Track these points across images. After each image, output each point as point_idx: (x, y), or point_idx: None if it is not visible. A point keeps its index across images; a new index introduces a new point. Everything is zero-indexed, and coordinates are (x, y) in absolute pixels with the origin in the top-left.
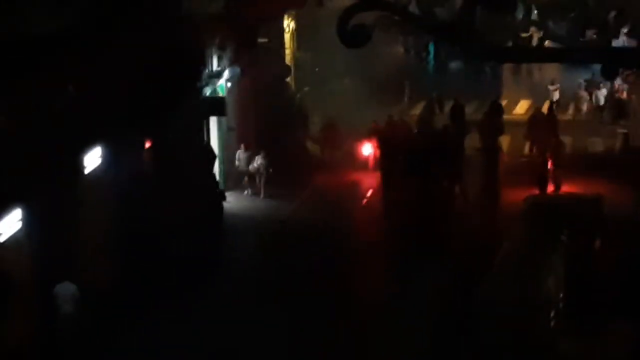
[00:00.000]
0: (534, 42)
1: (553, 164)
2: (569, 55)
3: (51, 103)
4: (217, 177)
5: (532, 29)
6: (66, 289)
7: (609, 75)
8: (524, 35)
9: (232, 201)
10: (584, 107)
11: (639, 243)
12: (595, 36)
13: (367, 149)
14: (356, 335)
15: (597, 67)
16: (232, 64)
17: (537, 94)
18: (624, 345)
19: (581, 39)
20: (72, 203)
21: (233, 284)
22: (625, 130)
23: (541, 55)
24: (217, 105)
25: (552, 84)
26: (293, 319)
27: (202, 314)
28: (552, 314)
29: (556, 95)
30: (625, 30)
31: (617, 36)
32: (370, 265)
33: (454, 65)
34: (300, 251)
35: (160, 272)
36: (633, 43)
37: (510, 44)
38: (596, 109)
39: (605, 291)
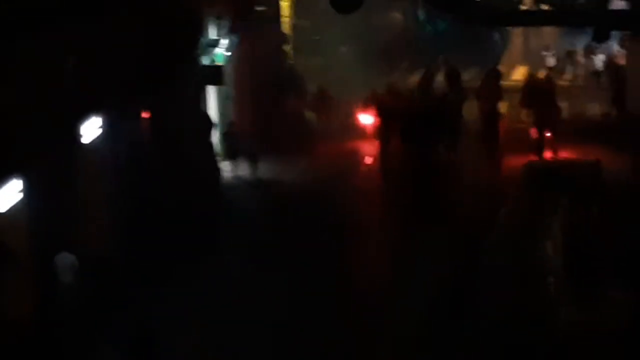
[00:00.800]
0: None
1: (550, 129)
2: (563, 18)
3: (51, 73)
4: (216, 146)
5: None
6: (65, 260)
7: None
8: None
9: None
10: (582, 72)
11: (637, 208)
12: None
13: (366, 117)
14: (355, 300)
15: None
16: (229, 32)
17: (535, 60)
18: (623, 312)
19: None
20: (71, 173)
21: (234, 250)
22: (623, 96)
23: (535, 19)
24: (214, 75)
25: (547, 50)
26: (293, 285)
27: (203, 281)
28: (550, 280)
29: (552, 61)
30: None
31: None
32: (369, 231)
33: (452, 31)
34: (300, 217)
35: (160, 241)
36: (624, 6)
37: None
38: (593, 74)
39: (604, 257)
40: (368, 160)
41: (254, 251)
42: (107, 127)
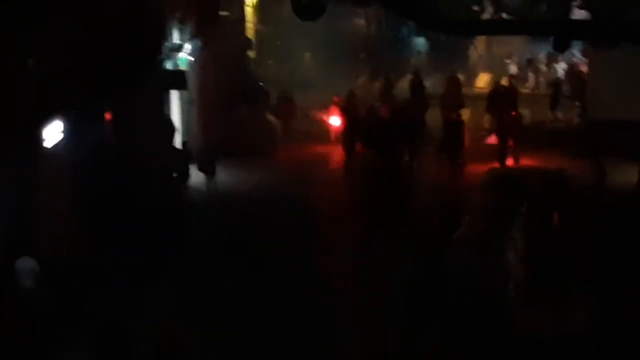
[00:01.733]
0: (487, 15)
1: (512, 137)
2: (522, 27)
3: (10, 76)
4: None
5: (485, 1)
6: (25, 264)
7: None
8: (475, 8)
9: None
10: (543, 80)
11: (598, 216)
12: (547, 8)
13: (329, 123)
14: (319, 304)
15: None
16: (193, 37)
17: (497, 68)
18: (584, 317)
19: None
20: (32, 177)
21: (196, 256)
22: (584, 104)
23: (495, 28)
24: (177, 79)
25: (509, 57)
26: (257, 290)
27: (168, 281)
28: (512, 286)
29: (513, 69)
30: (576, 2)
31: (570, 9)
32: (332, 237)
33: (415, 39)
34: (262, 222)
35: (123, 244)
36: (584, 15)
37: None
38: (553, 82)
39: (565, 263)
40: (331, 165)
41: (216, 256)
42: (69, 130)
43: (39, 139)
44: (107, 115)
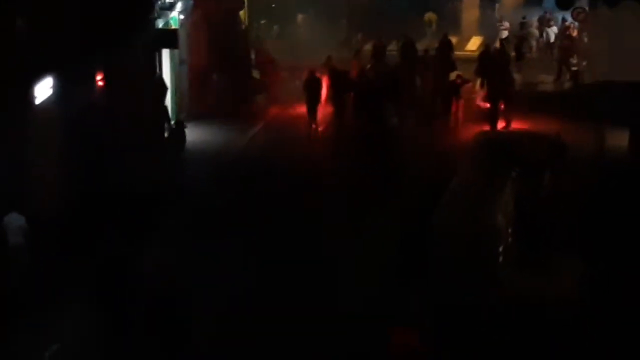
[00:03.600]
0: None
1: (504, 100)
2: None
3: (1, 33)
4: (169, 109)
5: None
6: (14, 220)
7: (564, 5)
8: None
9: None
10: (535, 44)
11: (588, 180)
12: None
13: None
14: (311, 264)
15: (549, 4)
16: None
17: (490, 31)
18: (572, 282)
19: None
20: (22, 134)
21: (187, 214)
22: (575, 68)
23: None
24: (169, 38)
25: (501, 21)
26: (248, 250)
27: (156, 245)
28: (501, 250)
29: (505, 33)
30: None
31: None
32: (322, 198)
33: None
34: (254, 183)
35: (112, 203)
36: None
37: None
38: (547, 46)
39: (554, 228)
40: (322, 127)
41: (205, 217)
42: (60, 88)
43: (29, 96)
44: (99, 74)
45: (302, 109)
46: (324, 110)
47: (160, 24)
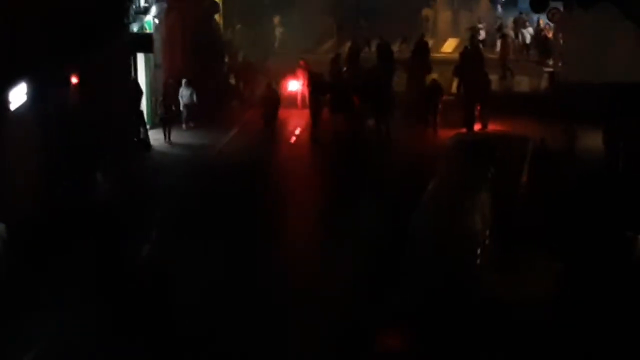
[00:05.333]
0: None
1: (480, 102)
2: None
3: None
4: (144, 114)
5: None
6: None
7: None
8: None
9: (160, 138)
10: (511, 45)
11: (564, 181)
12: None
13: (294, 86)
14: (287, 266)
15: (524, 5)
16: (159, 0)
17: (465, 33)
18: (549, 281)
19: None
20: None
21: (162, 218)
22: (551, 69)
23: None
24: (144, 42)
25: (478, 22)
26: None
27: (132, 248)
28: (478, 251)
29: (482, 34)
30: None
31: None
32: (298, 200)
33: (382, 3)
34: (229, 186)
35: (87, 207)
36: None
37: None
38: (522, 47)
39: (530, 228)
40: (298, 130)
41: (180, 216)
42: (35, 92)
43: (3, 102)
44: (73, 79)
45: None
46: (300, 113)
47: (134, 28)
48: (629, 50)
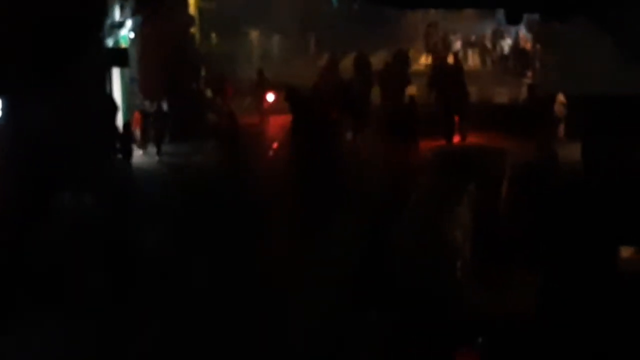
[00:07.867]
0: None
1: (459, 114)
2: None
3: None
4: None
5: None
6: None
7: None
8: None
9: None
10: (489, 57)
11: (545, 195)
12: None
13: (270, 97)
14: (266, 281)
15: (502, 17)
16: (134, 14)
17: (443, 44)
18: (529, 295)
19: None
20: None
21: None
22: (530, 81)
23: (449, 1)
24: (119, 56)
25: (454, 34)
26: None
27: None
28: (458, 264)
29: (457, 46)
30: None
31: None
32: (277, 212)
33: (361, 14)
34: (207, 198)
35: (66, 222)
36: None
37: None
38: (501, 59)
39: (510, 242)
40: (275, 143)
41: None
42: (6, 109)
43: None
44: (47, 94)
45: (255, 123)
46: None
47: (110, 42)
48: (607, 62)
